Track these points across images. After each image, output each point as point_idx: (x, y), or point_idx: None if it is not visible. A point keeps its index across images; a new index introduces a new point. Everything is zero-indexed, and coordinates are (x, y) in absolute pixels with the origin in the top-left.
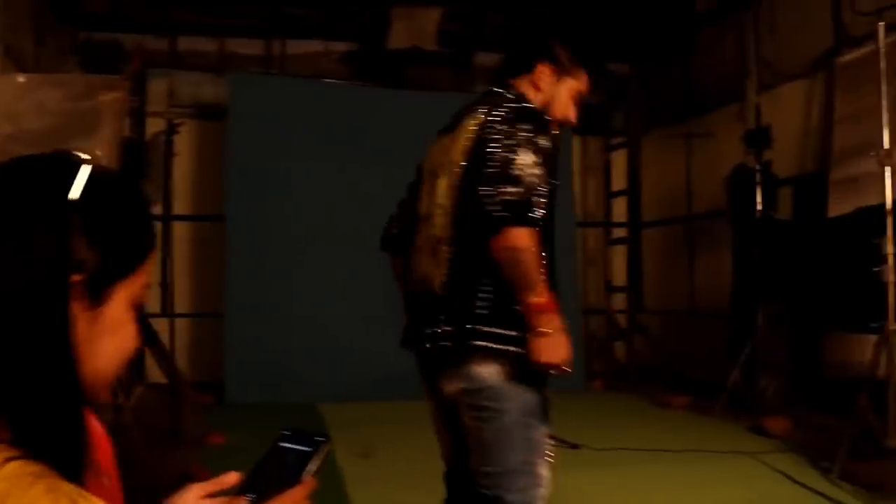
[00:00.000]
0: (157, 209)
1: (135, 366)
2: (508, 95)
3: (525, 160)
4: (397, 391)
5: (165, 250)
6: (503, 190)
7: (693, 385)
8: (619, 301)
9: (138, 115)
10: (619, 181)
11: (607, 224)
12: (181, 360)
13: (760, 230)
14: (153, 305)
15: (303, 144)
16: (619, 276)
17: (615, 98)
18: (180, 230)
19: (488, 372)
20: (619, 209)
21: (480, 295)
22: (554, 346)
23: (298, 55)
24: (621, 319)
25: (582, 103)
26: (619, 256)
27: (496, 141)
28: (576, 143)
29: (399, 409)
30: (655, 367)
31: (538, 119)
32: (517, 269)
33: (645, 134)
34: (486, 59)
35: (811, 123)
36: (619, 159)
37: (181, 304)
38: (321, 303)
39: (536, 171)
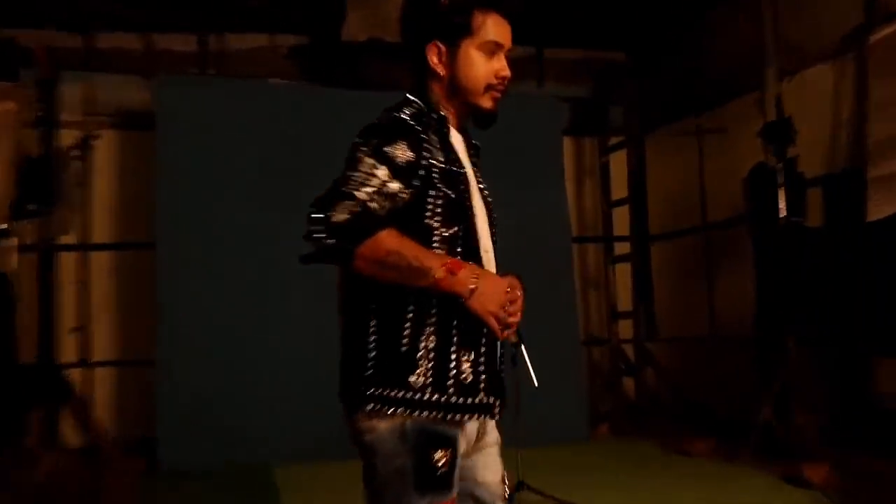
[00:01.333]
0: (71, 237)
1: (46, 429)
2: (408, 98)
3: (362, 175)
4: None
5: (83, 286)
6: (332, 215)
7: (716, 426)
8: (625, 329)
9: (46, 127)
10: (619, 188)
11: (608, 239)
12: (105, 417)
13: (786, 239)
14: (68, 353)
15: (246, 157)
16: (625, 299)
17: (612, 91)
18: (100, 261)
19: (365, 431)
20: (622, 220)
21: (367, 350)
22: (486, 294)
23: (239, 52)
24: (629, 350)
25: (506, 49)
26: (623, 276)
27: (343, 170)
28: (567, 144)
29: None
30: (671, 406)
31: (389, 128)
32: (397, 275)
33: (648, 132)
34: None
35: (842, 113)
36: (619, 162)
37: (103, 349)
38: (272, 345)
39: (382, 183)
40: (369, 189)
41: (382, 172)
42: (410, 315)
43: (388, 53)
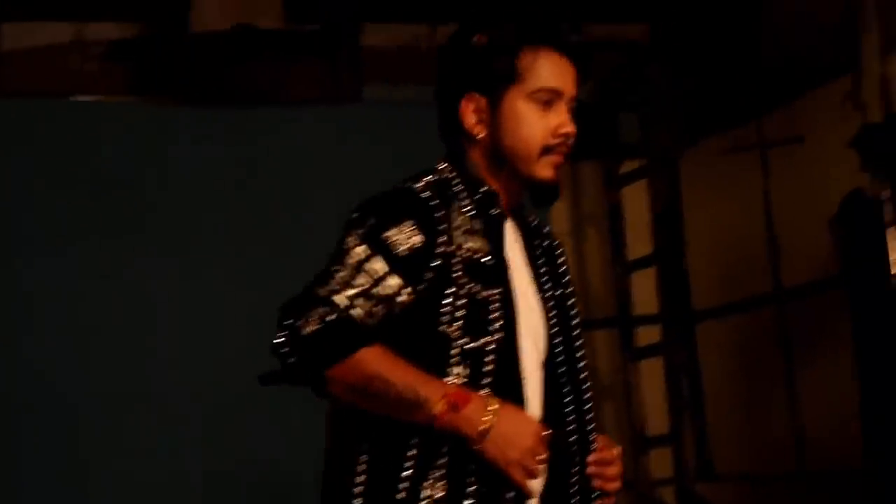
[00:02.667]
0: None
1: None
2: (437, 165)
3: (348, 269)
4: None
5: None
6: (300, 325)
7: None
8: (659, 463)
9: None
10: (640, 239)
11: (626, 321)
12: None
13: None
14: None
15: (41, 217)
16: (658, 415)
17: (625, 88)
18: None
19: None
20: (646, 291)
21: (350, 497)
22: (505, 437)
23: (21, 52)
24: (668, 497)
25: (567, 97)
26: (653, 379)
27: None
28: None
29: None
30: None
31: (392, 203)
32: (383, 406)
33: (683, 149)
34: (380, 35)
35: None
36: (639, 198)
37: None
38: None
39: (374, 280)
40: (353, 290)
41: (376, 266)
42: (414, 452)
43: (268, 46)
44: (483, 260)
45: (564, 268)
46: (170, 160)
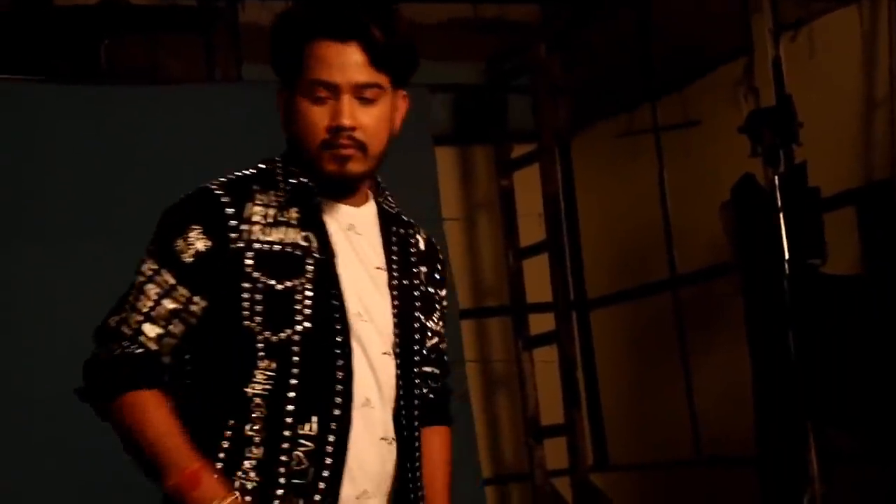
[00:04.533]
0: None
1: None
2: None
3: (135, 290)
4: None
5: None
6: (98, 354)
7: None
8: (555, 453)
9: None
10: (531, 226)
11: (519, 310)
12: None
13: (794, 297)
14: None
15: None
16: (552, 405)
17: (515, 71)
18: None
19: None
20: (540, 278)
21: None
22: None
23: None
24: (563, 488)
25: (345, 85)
26: (546, 369)
27: None
28: (446, 159)
29: None
30: None
31: (180, 210)
32: (141, 456)
33: (575, 133)
34: (261, 11)
35: (878, 84)
36: (531, 184)
37: None
38: None
39: (161, 294)
40: (139, 317)
41: (165, 279)
42: (227, 444)
43: (141, 21)
44: (282, 251)
45: (415, 258)
46: (38, 141)
